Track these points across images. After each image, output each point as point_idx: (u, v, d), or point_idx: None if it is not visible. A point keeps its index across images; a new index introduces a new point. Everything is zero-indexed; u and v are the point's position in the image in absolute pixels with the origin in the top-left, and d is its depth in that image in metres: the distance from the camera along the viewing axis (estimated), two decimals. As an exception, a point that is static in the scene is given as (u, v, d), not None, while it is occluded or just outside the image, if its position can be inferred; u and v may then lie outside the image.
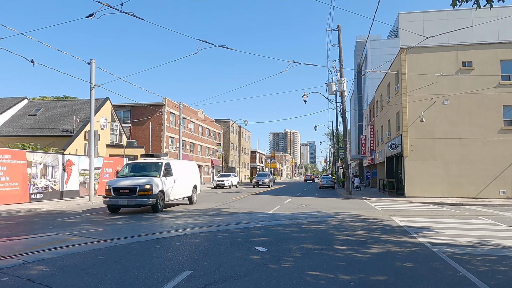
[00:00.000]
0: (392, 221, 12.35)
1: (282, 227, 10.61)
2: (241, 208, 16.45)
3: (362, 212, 15.02)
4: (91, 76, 20.95)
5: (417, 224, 11.51)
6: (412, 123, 24.62)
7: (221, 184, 39.94)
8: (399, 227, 10.90)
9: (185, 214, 14.02)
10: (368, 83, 52.52)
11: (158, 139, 40.57)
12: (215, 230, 9.92)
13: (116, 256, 6.72)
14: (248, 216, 13.26)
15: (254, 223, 11.28)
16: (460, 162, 23.79)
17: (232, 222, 11.52)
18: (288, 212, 15.06)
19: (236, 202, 20.26)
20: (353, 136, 67.74)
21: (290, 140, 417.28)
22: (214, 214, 14.10)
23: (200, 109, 51.83)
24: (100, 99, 35.28)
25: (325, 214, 14.30)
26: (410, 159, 24.49)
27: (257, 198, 23.25)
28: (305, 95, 30.75)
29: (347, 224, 11.41)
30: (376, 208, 17.30)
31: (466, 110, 24.07)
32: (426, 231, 10.26)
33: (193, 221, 11.70)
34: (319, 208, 17.07)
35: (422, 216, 13.84)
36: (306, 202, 20.64)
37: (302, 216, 13.32)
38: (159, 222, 11.69)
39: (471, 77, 24.19)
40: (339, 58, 29.99)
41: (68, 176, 21.75)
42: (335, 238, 9.01)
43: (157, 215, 13.58)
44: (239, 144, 74.33)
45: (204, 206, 17.83)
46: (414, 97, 24.68)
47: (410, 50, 25.25)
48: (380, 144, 35.21)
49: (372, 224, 11.45)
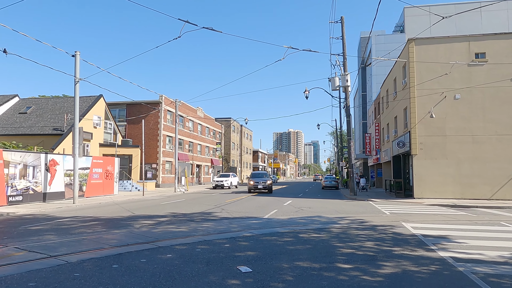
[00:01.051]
0: (404, 228, 10.77)
1: (276, 237, 9.06)
2: (234, 212, 14.92)
3: (369, 217, 13.45)
4: (75, 69, 19.51)
5: (433, 232, 9.93)
6: (421, 119, 22.97)
7: (220, 184, 38.46)
8: (413, 236, 9.32)
9: (169, 220, 12.50)
10: (373, 80, 50.83)
11: (154, 138, 39.12)
12: (196, 241, 8.38)
13: (52, 282, 5.21)
14: (239, 222, 11.73)
15: (243, 232, 9.74)
16: (473, 161, 22.12)
17: (219, 230, 9.98)
18: (285, 217, 13.50)
19: (230, 204, 18.73)
20: (357, 134, 66.06)
21: (293, 139, 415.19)
22: (201, 219, 12.57)
23: (199, 107, 50.37)
24: (93, 96, 33.92)
25: (327, 219, 12.73)
26: (418, 158, 22.85)
27: (255, 200, 21.71)
28: (307, 90, 29.17)
29: (352, 233, 9.85)
30: (384, 211, 15.71)
31: (479, 105, 22.40)
32: (446, 241, 8.68)
33: (175, 228, 10.18)
34: (320, 211, 15.50)
35: (436, 221, 12.25)
36: (307, 204, 19.07)
37: (301, 222, 11.76)
38: (135, 230, 10.18)
39: (485, 70, 22.51)
40: (342, 51, 28.40)
41: (52, 176, 20.32)
42: (337, 251, 7.46)
43: (137, 222, 12.09)
44: (241, 143, 72.79)
45: (194, 209, 16.32)
46: (423, 92, 23.04)
47: (418, 41, 23.61)
48: (386, 142, 33.55)
49: (380, 232, 9.88)
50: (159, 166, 38.91)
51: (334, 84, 27.71)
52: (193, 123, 47.89)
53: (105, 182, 25.04)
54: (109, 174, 25.58)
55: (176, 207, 17.19)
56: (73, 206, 17.97)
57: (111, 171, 25.70)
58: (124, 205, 19.02)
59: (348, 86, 27.41)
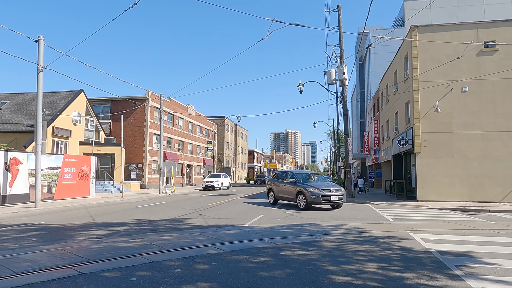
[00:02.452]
0: (413, 240, 8.67)
1: (248, 256, 6.94)
2: (211, 219, 12.78)
3: (369, 224, 11.34)
4: (39, 56, 17.34)
5: (451, 247, 7.84)
6: (425, 114, 20.91)
7: (210, 185, 36.34)
8: (427, 254, 7.22)
9: (126, 230, 10.36)
10: (371, 76, 48.85)
11: (140, 136, 36.91)
12: (139, 263, 6.25)
13: None
14: (211, 232, 9.59)
15: (209, 247, 7.61)
16: (482, 160, 20.07)
17: (179, 245, 7.85)
18: (269, 225, 11.37)
19: (211, 209, 16.59)
20: (355, 134, 64.09)
21: (291, 140, 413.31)
22: (166, 229, 10.42)
23: (190, 104, 48.18)
24: (73, 91, 31.74)
25: (319, 228, 10.61)
26: (422, 156, 20.78)
27: (241, 203, 19.57)
28: (301, 84, 27.08)
29: (348, 248, 7.73)
30: (386, 217, 13.61)
31: (489, 98, 20.37)
32: (471, 261, 6.59)
33: (124, 243, 8.03)
34: (313, 216, 13.39)
35: (450, 231, 10.15)
36: (298, 208, 16.93)
37: (286, 233, 9.63)
38: (73, 245, 8.04)
39: (495, 60, 20.47)
40: (339, 42, 26.32)
41: (13, 177, 18.13)
42: (328, 281, 5.34)
43: (88, 232, 9.94)
44: (235, 143, 70.63)
45: (168, 214, 14.17)
46: (427, 84, 20.99)
47: (422, 29, 21.55)
48: (385, 140, 31.49)
49: (385, 248, 7.77)
50: (145, 166, 36.71)
51: (331, 77, 25.62)
52: (183, 121, 45.72)
53: (79, 183, 22.85)
54: (84, 174, 23.39)
55: (148, 212, 15.03)
56: (33, 211, 15.78)
57: (86, 171, 23.51)
58: (93, 209, 16.86)
59: (346, 79, 25.32)
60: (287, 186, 17.37)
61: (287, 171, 18.53)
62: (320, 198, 15.49)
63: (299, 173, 17.87)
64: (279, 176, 18.72)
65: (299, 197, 16.31)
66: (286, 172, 18.46)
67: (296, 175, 17.29)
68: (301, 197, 16.11)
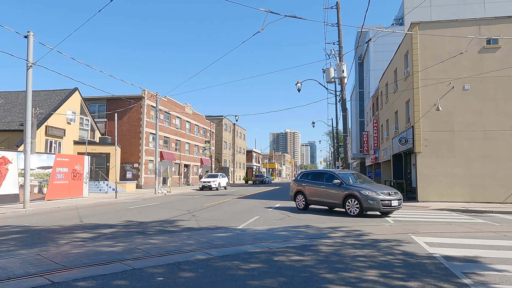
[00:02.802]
0: (415, 243, 8.17)
1: (239, 261, 6.42)
2: (204, 220, 12.26)
3: (368, 226, 10.84)
4: (28, 52, 16.81)
5: (457, 252, 7.34)
6: (426, 113, 20.43)
7: (208, 186, 35.81)
8: (431, 259, 6.72)
9: (113, 233, 9.85)
10: (371, 76, 48.37)
11: (136, 136, 36.36)
12: (119, 270, 5.74)
13: None
14: (201, 235, 9.08)
15: (198, 252, 7.10)
16: (484, 160, 19.59)
17: (166, 250, 7.33)
18: (265, 227, 10.86)
19: (206, 210, 16.07)
20: (354, 134, 63.63)
21: (290, 140, 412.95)
22: (155, 231, 9.90)
23: (187, 103, 47.63)
24: (67, 90, 31.19)
25: (316, 230, 10.10)
26: (423, 156, 20.30)
27: (237, 204, 19.06)
28: (299, 82, 26.58)
29: (347, 253, 7.22)
30: (386, 218, 13.11)
31: (491, 96, 19.89)
32: (479, 268, 6.09)
33: (107, 248, 7.50)
34: (310, 218, 12.88)
35: (454, 233, 9.65)
36: (296, 209, 16.43)
37: (281, 236, 9.11)
38: (51, 249, 7.53)
39: (497, 57, 20.00)
40: (338, 40, 25.79)
41: (2, 177, 17.59)
42: (324, 292, 4.84)
43: (72, 235, 9.43)
44: (233, 142, 70.11)
45: (160, 216, 13.65)
46: (427, 82, 20.50)
47: (423, 25, 21.07)
48: (385, 140, 31.01)
49: (386, 252, 7.26)
50: (141, 166, 36.16)
51: (329, 75, 25.09)
52: (180, 120, 45.18)
53: (72, 183, 22.31)
54: (77, 174, 22.86)
55: (139, 213, 14.51)
56: (21, 212, 15.25)
57: (79, 170, 22.97)
58: (84, 210, 16.33)
59: (345, 78, 24.78)
60: (327, 189, 14.54)
61: (324, 170, 15.90)
62: (380, 203, 12.92)
63: (341, 173, 14.97)
64: (312, 177, 15.83)
65: (348, 202, 13.56)
66: (322, 172, 15.67)
67: (341, 176, 14.49)
68: (352, 202, 13.43)
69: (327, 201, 14.71)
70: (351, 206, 13.52)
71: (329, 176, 14.92)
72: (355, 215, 13.30)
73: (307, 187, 15.63)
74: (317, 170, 16.13)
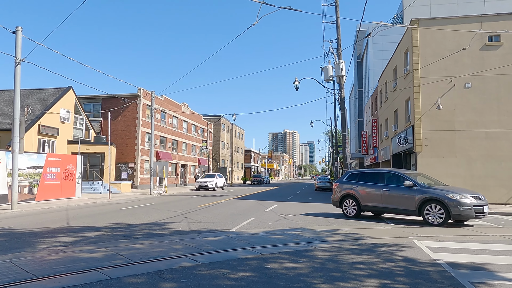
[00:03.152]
0: (417, 248, 7.68)
1: (227, 269, 5.91)
2: (196, 223, 11.75)
3: (367, 230, 10.34)
4: (16, 49, 16.27)
5: (462, 257, 6.85)
6: (426, 111, 19.95)
7: (204, 186, 35.30)
8: (435, 266, 6.22)
9: (98, 236, 9.33)
10: (370, 75, 47.92)
11: (132, 135, 35.82)
12: (94, 280, 5.23)
13: None
14: (191, 239, 8.57)
15: (184, 258, 6.59)
16: (486, 160, 19.13)
17: (150, 256, 6.82)
18: (259, 230, 10.35)
19: (200, 211, 15.56)
20: (353, 133, 63.20)
21: (289, 140, 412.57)
22: (143, 235, 9.39)
23: (184, 103, 47.10)
24: (61, 88, 30.65)
25: (312, 233, 9.60)
26: (423, 156, 19.83)
27: (233, 205, 18.55)
28: (297, 81, 26.07)
29: (345, 259, 6.72)
30: (385, 221, 12.62)
31: (494, 95, 19.42)
32: (488, 276, 5.61)
33: (87, 253, 6.99)
34: (307, 220, 12.39)
35: (457, 237, 9.16)
36: (293, 210, 15.95)
37: (275, 240, 8.61)
38: (26, 256, 7.01)
39: (499, 54, 19.53)
40: (336, 37, 25.30)
41: (-11, 177, 17.05)
42: (318, 306, 4.33)
43: (54, 239, 8.91)
44: (231, 142, 69.59)
45: (151, 217, 13.14)
46: (428, 80, 20.03)
47: (423, 22, 20.60)
48: (384, 140, 30.53)
49: (386, 259, 6.76)
50: (137, 166, 35.63)
51: (327, 73, 24.60)
52: (177, 120, 44.64)
53: (64, 183, 21.77)
54: (70, 174, 22.32)
55: (130, 215, 13.99)
56: (7, 214, 14.72)
57: (71, 170, 22.43)
58: (73, 211, 15.81)
59: (343, 76, 24.27)
60: (393, 192, 12.02)
61: (384, 170, 13.15)
62: (473, 210, 10.67)
63: (408, 173, 12.49)
64: (366, 178, 13.10)
65: (428, 208, 11.17)
66: (381, 172, 12.91)
67: (411, 177, 11.98)
68: (434, 208, 11.09)
69: (392, 207, 12.14)
70: (432, 213, 11.13)
71: (394, 177, 12.39)
72: (437, 224, 10.97)
73: (360, 190, 12.96)
74: (371, 170, 13.49)
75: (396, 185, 12.10)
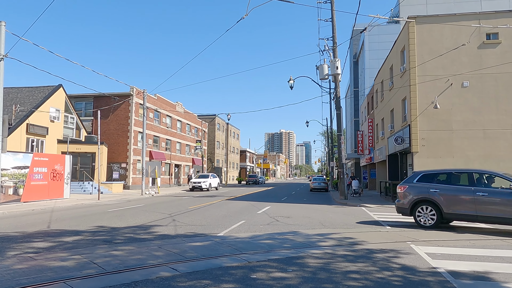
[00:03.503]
0: (415, 255, 7.19)
1: (209, 281, 5.39)
2: (183, 226, 11.20)
3: (362, 233, 9.85)
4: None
5: (464, 265, 6.37)
6: (423, 111, 19.54)
7: (198, 186, 34.69)
8: (435, 275, 5.73)
9: (76, 242, 8.77)
10: (366, 74, 47.57)
11: (124, 135, 35.17)
12: (57, 294, 4.68)
13: None
14: (175, 245, 8.03)
15: (164, 267, 6.06)
16: (484, 160, 18.73)
17: (127, 264, 6.28)
18: (248, 233, 9.82)
19: (189, 213, 15.00)
20: (349, 133, 62.87)
21: (285, 140, 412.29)
22: (124, 239, 8.83)
23: (178, 102, 46.47)
24: (51, 87, 29.95)
25: (304, 238, 9.09)
26: (420, 156, 19.41)
27: (225, 206, 18.02)
28: (292, 79, 25.59)
29: (338, 268, 6.21)
30: (381, 223, 12.16)
31: (492, 94, 19.05)
32: (493, 287, 5.12)
33: (58, 261, 6.44)
34: (300, 223, 11.89)
35: (458, 242, 8.69)
36: (286, 212, 15.45)
37: (264, 245, 8.09)
38: None
39: (498, 53, 19.16)
40: (332, 35, 24.84)
41: (-29, 177, 16.41)
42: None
43: (27, 244, 8.35)
44: (227, 142, 69.01)
45: (137, 220, 12.57)
46: (425, 78, 19.61)
47: (420, 20, 20.17)
48: (380, 140, 30.12)
49: (382, 266, 6.27)
50: (129, 166, 34.98)
51: (323, 72, 24.14)
52: (171, 119, 44.02)
53: (51, 184, 21.13)
54: (58, 174, 21.67)
55: (116, 217, 13.41)
56: (-12, 215, 14.09)
57: (59, 170, 21.79)
58: (58, 213, 15.20)
59: (339, 74, 23.84)
60: (491, 197, 9.86)
61: (473, 170, 10.74)
62: None
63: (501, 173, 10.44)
64: (448, 180, 10.82)
65: None
66: (470, 173, 10.56)
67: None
68: None
69: (490, 216, 9.85)
70: None
71: (489, 178, 10.27)
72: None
73: (442, 194, 10.58)
74: (454, 170, 11.13)
75: (495, 188, 9.98)
